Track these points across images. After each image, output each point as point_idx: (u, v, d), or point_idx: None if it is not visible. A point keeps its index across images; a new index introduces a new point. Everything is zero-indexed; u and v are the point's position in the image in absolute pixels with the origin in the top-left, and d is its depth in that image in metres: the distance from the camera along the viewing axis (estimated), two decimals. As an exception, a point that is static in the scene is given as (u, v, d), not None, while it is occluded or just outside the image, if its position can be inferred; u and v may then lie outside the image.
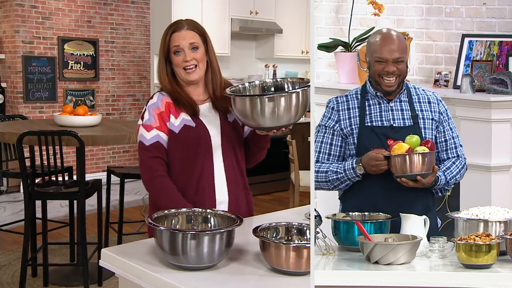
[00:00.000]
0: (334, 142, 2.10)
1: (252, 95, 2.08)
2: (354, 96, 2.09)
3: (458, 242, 1.58)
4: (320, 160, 2.11)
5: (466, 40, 2.15)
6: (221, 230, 1.68)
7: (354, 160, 2.02)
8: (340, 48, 2.16)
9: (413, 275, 1.54)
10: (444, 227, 2.07)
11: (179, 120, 2.18)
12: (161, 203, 2.11)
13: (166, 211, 1.87)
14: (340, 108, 2.09)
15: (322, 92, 2.11)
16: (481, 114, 2.06)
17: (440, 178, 1.99)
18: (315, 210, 1.56)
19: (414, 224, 1.75)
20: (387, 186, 1.97)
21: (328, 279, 1.42)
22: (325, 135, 2.10)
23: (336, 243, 1.80)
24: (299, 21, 7.53)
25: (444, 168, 2.04)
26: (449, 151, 2.08)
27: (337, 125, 2.09)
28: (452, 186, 2.05)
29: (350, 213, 1.91)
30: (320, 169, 2.06)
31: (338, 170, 2.02)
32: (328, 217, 1.82)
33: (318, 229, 1.66)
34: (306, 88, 1.98)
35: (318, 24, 2.07)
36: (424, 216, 1.77)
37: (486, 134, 2.12)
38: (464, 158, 2.09)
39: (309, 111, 1.71)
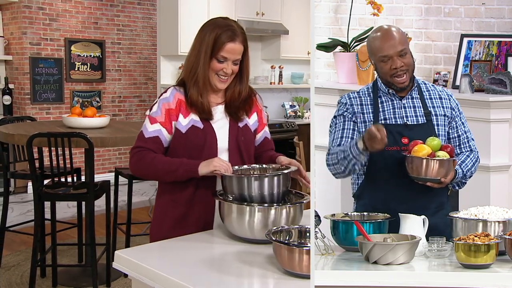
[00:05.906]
0: (357, 128, 2.04)
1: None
2: (366, 93, 2.06)
3: (457, 242, 1.58)
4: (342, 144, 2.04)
5: (465, 40, 2.14)
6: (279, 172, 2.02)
7: (357, 136, 1.96)
8: (339, 48, 2.16)
9: (412, 275, 1.54)
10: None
11: (187, 120, 2.17)
12: (152, 171, 2.13)
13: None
14: (354, 103, 2.05)
15: (321, 92, 2.11)
16: (480, 114, 2.05)
17: (457, 172, 1.96)
18: (314, 210, 1.57)
19: (413, 224, 1.75)
20: (402, 184, 1.93)
21: (327, 279, 1.43)
22: (346, 122, 2.05)
23: (335, 243, 1.80)
24: (305, 22, 7.52)
25: (459, 161, 2.02)
26: (462, 146, 2.06)
27: (353, 117, 2.05)
28: (468, 179, 2.03)
29: (349, 213, 1.91)
30: (331, 151, 2.02)
31: (345, 148, 1.97)
32: (326, 217, 1.82)
33: (316, 229, 1.66)
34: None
35: (317, 24, 2.07)
36: (423, 216, 1.77)
37: (485, 134, 2.11)
38: (477, 151, 2.07)
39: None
